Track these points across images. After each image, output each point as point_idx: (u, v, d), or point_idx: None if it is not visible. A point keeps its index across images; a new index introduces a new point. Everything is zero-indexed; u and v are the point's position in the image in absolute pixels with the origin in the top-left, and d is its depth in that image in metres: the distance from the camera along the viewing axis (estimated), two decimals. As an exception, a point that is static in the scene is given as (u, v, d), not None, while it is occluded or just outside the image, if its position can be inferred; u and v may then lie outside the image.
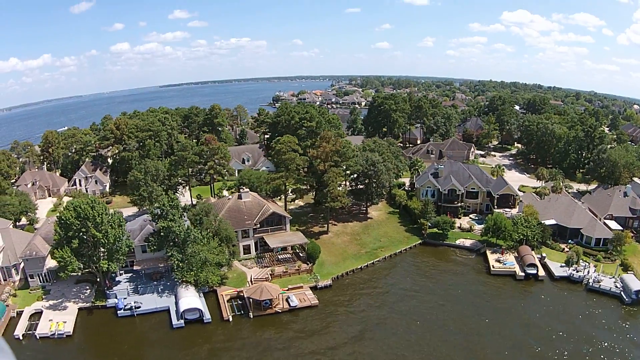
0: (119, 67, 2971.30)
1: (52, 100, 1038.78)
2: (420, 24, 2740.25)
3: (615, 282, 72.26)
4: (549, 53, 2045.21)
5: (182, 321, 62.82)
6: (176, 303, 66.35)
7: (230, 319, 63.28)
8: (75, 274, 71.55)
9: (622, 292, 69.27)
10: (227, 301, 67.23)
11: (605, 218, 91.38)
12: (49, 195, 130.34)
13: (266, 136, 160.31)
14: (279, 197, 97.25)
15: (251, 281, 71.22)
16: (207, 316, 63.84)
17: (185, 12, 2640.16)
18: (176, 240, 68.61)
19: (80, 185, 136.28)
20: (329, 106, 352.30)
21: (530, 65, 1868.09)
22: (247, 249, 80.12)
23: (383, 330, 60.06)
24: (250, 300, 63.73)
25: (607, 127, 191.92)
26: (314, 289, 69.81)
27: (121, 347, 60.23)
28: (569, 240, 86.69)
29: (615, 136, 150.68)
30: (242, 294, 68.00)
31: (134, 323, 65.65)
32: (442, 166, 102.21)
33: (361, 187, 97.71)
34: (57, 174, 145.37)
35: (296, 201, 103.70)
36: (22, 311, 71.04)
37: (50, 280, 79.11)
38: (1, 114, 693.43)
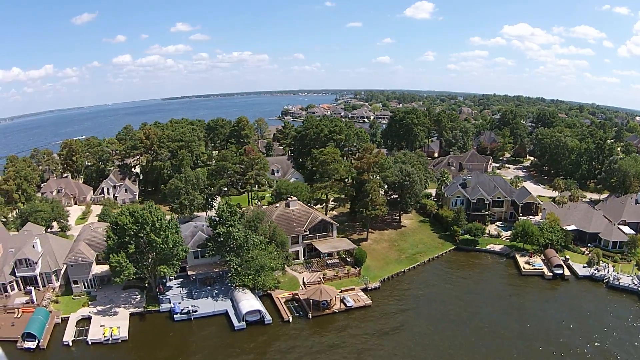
0: (121, 79, 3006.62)
1: (54, 111, 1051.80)
2: (421, 38, 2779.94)
3: (632, 279, 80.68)
4: (549, 66, 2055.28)
5: (244, 323, 66.16)
6: (235, 306, 70.19)
7: (290, 320, 67.92)
8: (127, 279, 71.45)
9: (639, 288, 77.86)
10: (284, 303, 71.89)
11: (619, 224, 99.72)
12: (75, 203, 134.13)
13: (290, 149, 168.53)
14: (320, 206, 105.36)
15: (304, 284, 77.35)
16: (268, 318, 67.52)
17: (187, 25, 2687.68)
18: (234, 245, 73.12)
19: (108, 193, 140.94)
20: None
21: (531, 78, 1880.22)
22: (296, 255, 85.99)
23: (435, 324, 67.93)
24: (310, 301, 69.01)
25: (611, 139, 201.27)
26: (364, 290, 76.43)
27: (184, 349, 62.47)
28: (588, 244, 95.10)
29: (622, 147, 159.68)
30: (297, 297, 73.50)
31: (190, 327, 68.05)
32: (470, 177, 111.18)
33: (395, 196, 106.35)
34: (79, 182, 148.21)
35: (332, 211, 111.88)
36: (68, 317, 71.52)
37: (96, 286, 80.00)
38: (4, 124, 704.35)
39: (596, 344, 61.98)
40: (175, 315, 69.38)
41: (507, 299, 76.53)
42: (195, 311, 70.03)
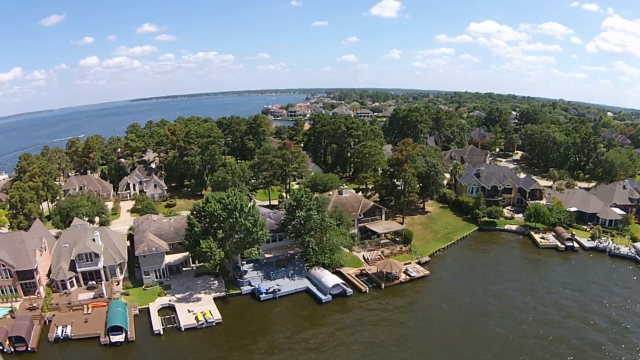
0: (88, 82, 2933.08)
1: (23, 114, 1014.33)
2: (387, 37, 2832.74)
3: (629, 249, 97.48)
4: (516, 63, 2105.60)
5: (330, 296, 74.45)
6: (317, 282, 78.40)
7: (367, 291, 78.00)
8: (216, 264, 75.39)
9: (636, 255, 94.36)
10: (357, 277, 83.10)
11: (610, 206, 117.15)
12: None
13: (301, 144, 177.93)
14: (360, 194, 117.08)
15: (366, 261, 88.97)
16: (349, 290, 76.88)
17: (153, 25, 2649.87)
18: (312, 227, 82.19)
19: (134, 189, 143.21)
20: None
21: (497, 75, 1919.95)
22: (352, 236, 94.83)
23: (486, 284, 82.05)
24: (383, 273, 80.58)
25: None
26: (418, 264, 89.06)
27: (279, 324, 68.57)
28: (588, 222, 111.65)
29: (606, 142, 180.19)
30: (364, 271, 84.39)
31: (276, 305, 74.50)
32: (482, 168, 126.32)
33: (419, 185, 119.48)
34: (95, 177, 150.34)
35: (368, 199, 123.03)
36: (146, 308, 73.01)
37: (166, 276, 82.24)
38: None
39: (607, 292, 78.90)
40: (261, 295, 75.55)
41: (531, 265, 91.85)
42: (279, 290, 76.92)
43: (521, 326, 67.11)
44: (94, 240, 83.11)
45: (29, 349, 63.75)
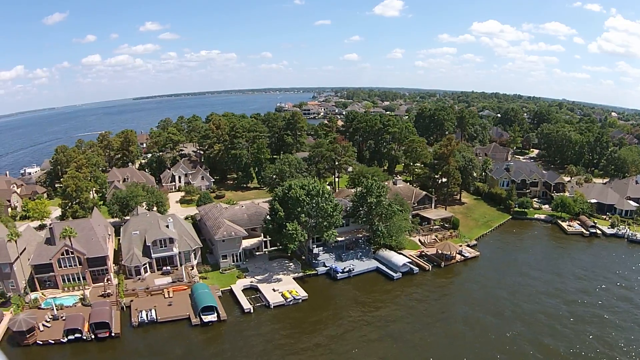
0: (90, 80, 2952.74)
1: (26, 112, 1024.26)
2: (390, 36, 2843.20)
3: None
4: (518, 62, 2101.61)
5: (400, 274, 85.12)
6: (386, 262, 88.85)
7: (430, 269, 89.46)
8: (297, 245, 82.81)
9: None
10: (418, 257, 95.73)
11: (625, 199, 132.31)
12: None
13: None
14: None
15: (423, 244, 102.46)
16: (416, 269, 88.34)
17: (156, 24, 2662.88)
18: (381, 212, 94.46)
19: (180, 181, 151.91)
20: (335, 116, 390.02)
21: (499, 75, 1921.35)
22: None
23: (529, 262, 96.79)
24: (443, 254, 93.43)
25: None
26: (468, 246, 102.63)
27: (358, 299, 77.75)
28: (607, 213, 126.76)
29: (617, 140, 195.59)
30: (423, 253, 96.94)
31: (351, 283, 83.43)
32: (512, 163, 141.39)
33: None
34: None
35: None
36: (228, 290, 77.84)
37: (243, 260, 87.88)
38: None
39: (629, 270, 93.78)
40: (337, 275, 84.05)
41: (564, 248, 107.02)
42: (353, 270, 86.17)
43: (566, 295, 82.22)
44: (167, 226, 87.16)
45: (113, 334, 65.25)
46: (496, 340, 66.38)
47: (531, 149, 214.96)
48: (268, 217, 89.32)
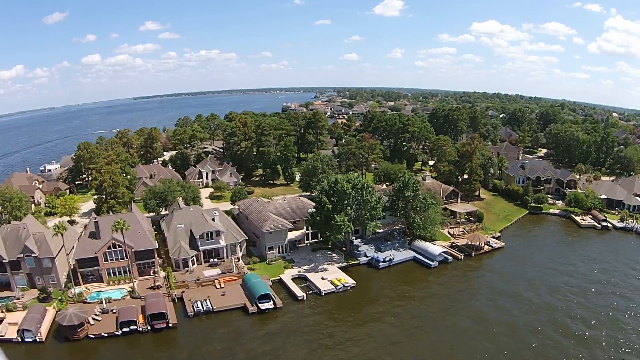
0: (89, 80, 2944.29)
1: (26, 111, 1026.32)
2: (390, 35, 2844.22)
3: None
4: (518, 62, 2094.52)
5: (437, 262, 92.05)
6: (422, 252, 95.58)
7: (462, 258, 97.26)
8: (345, 235, 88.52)
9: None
10: (450, 247, 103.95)
11: (633, 195, 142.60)
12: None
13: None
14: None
15: (453, 236, 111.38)
16: (450, 258, 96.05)
17: (157, 24, 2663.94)
18: (417, 205, 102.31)
19: (207, 177, 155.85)
20: (340, 116, 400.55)
21: (499, 75, 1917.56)
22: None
23: (547, 253, 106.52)
24: (473, 244, 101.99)
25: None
26: (493, 238, 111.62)
27: (402, 284, 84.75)
28: (616, 208, 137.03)
29: (622, 140, 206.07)
30: (453, 244, 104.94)
31: (391, 271, 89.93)
32: (527, 162, 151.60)
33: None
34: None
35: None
36: (277, 279, 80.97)
37: (288, 251, 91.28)
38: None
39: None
40: (379, 264, 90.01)
41: (580, 239, 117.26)
42: (393, 259, 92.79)
43: (584, 278, 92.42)
44: (213, 219, 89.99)
45: (170, 324, 66.33)
46: (547, 307, 78.35)
47: (539, 149, 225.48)
48: (313, 209, 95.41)
